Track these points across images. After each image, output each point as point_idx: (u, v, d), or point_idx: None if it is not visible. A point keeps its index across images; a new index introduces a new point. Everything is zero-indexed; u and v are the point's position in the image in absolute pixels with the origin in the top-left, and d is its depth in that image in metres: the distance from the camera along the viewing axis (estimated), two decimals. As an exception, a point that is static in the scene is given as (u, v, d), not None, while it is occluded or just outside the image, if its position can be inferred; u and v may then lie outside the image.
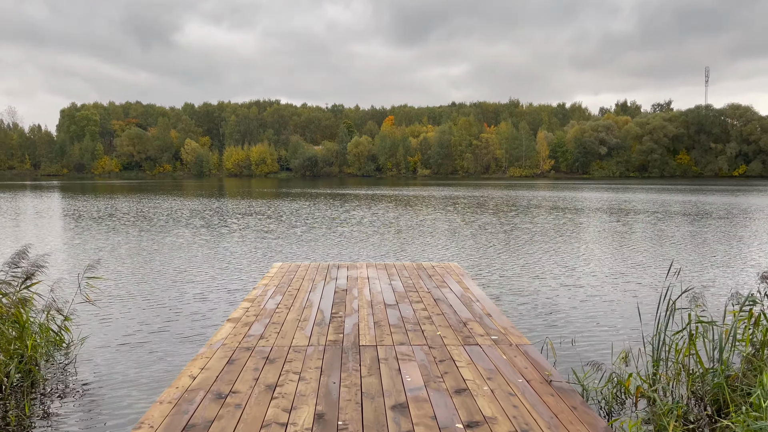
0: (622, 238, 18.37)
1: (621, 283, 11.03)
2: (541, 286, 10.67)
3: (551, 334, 7.50)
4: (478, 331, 5.75)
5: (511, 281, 11.11)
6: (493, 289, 10.29)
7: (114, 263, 13.30)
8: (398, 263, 9.97)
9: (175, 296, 9.82)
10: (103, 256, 14.26)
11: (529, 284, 10.81)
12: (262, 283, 8.21)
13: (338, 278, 8.57)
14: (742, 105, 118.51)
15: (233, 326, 5.89)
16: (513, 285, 10.75)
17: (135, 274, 11.92)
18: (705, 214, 26.82)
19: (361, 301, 7.03)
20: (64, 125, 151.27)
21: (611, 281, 11.17)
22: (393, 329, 5.79)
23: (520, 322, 8.09)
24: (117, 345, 7.11)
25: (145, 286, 10.66)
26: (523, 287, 10.52)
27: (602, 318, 8.40)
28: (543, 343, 6.89)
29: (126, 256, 14.34)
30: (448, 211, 28.83)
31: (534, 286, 10.66)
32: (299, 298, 7.24)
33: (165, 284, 10.83)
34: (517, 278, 11.41)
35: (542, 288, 10.47)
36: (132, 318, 8.41)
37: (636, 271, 12.22)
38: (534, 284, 10.80)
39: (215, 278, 11.40)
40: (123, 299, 9.60)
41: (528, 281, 11.11)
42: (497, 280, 11.17)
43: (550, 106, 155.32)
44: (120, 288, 10.51)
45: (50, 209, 31.34)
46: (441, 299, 7.16)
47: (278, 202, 37.74)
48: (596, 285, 10.79)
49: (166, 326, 7.95)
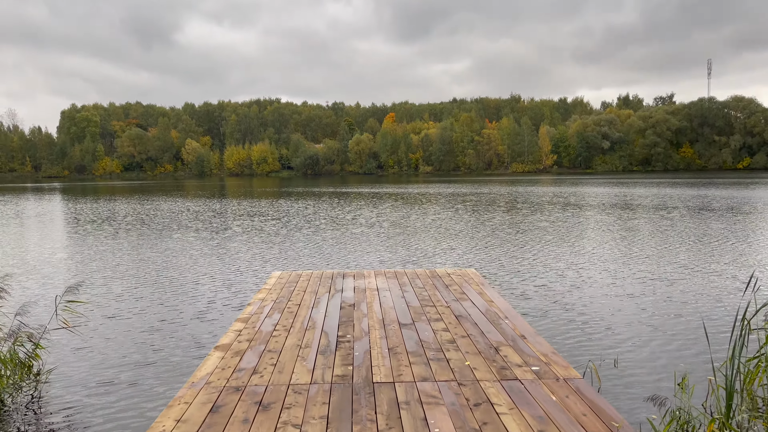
0: (661, 237, 16.97)
1: (668, 289, 9.92)
2: (571, 293, 9.69)
3: (589, 352, 6.56)
4: (513, 359, 4.81)
5: (536, 289, 10.08)
6: (517, 299, 9.28)
7: (103, 276, 12.38)
8: (410, 270, 9.03)
9: (167, 316, 8.70)
10: (92, 269, 13.34)
11: (556, 292, 9.81)
12: (258, 296, 7.28)
13: (344, 290, 7.63)
14: (746, 97, 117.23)
15: (221, 357, 4.95)
16: (538, 293, 9.74)
17: (124, 288, 10.95)
18: (742, 210, 25.79)
19: (372, 320, 6.09)
20: (65, 127, 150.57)
21: (655, 287, 10.05)
22: (412, 358, 4.85)
23: (552, 339, 7.15)
24: (92, 379, 6.12)
25: (134, 304, 9.59)
26: (551, 295, 9.52)
27: (648, 333, 7.45)
28: (586, 368, 5.94)
29: (118, 267, 13.41)
30: (458, 210, 27.72)
31: (562, 293, 9.68)
32: (300, 316, 6.31)
33: (157, 301, 9.86)
34: (543, 285, 10.39)
35: (572, 296, 9.49)
36: (115, 345, 7.31)
37: (684, 276, 11.04)
38: (562, 292, 9.83)
39: (215, 291, 10.44)
40: (107, 322, 8.47)
41: (555, 288, 10.09)
42: (519, 288, 10.14)
43: (551, 101, 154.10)
44: (105, 307, 9.39)
45: (45, 213, 30.45)
46: (463, 316, 6.22)
47: (280, 202, 36.81)
48: (638, 293, 9.69)
49: (154, 355, 6.84)
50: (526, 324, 5.87)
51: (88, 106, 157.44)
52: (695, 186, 49.68)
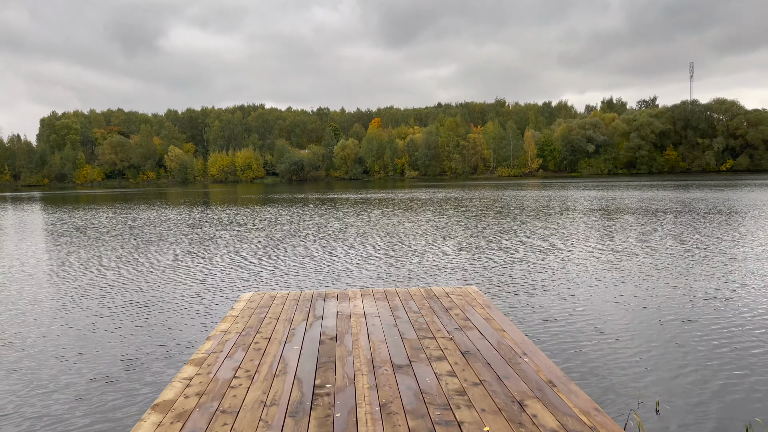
0: (684, 244, 15.44)
1: (718, 311, 8.59)
2: (590, 316, 8.54)
3: (622, 392, 5.42)
4: (545, 420, 3.64)
5: (550, 310, 8.76)
6: (527, 324, 7.97)
7: (51, 299, 11.04)
8: (402, 290, 7.84)
9: (101, 358, 6.85)
10: (39, 294, 11.99)
11: (574, 314, 8.56)
12: (220, 327, 6.04)
13: (325, 316, 6.42)
14: (728, 99, 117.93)
15: (157, 423, 3.72)
16: (554, 316, 8.47)
17: (70, 315, 9.62)
18: (739, 212, 24.99)
19: (358, 359, 4.89)
20: (44, 134, 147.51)
21: (704, 308, 8.63)
22: (411, 421, 3.66)
23: (582, 381, 6.00)
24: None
25: (74, 341, 7.65)
26: (568, 318, 8.26)
27: (692, 367, 6.34)
28: (627, 419, 4.79)
29: (70, 289, 12.06)
30: (451, 216, 26.38)
31: (580, 316, 8.49)
32: (269, 354, 5.09)
33: (107, 329, 8.57)
34: (558, 304, 9.11)
35: (593, 320, 8.32)
36: (16, 401, 5.75)
37: (740, 293, 9.80)
38: (580, 313, 8.64)
39: (175, 320, 9.17)
40: (33, 367, 6.63)
41: (573, 309, 8.80)
42: (528, 309, 8.83)
43: (536, 105, 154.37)
44: (36, 347, 7.56)
45: (14, 224, 28.81)
46: (471, 352, 5.04)
47: (264, 209, 35.45)
48: (682, 315, 8.38)
49: (74, 422, 5.14)
50: (551, 364, 4.71)
51: (68, 113, 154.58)
52: (691, 188, 49.16)
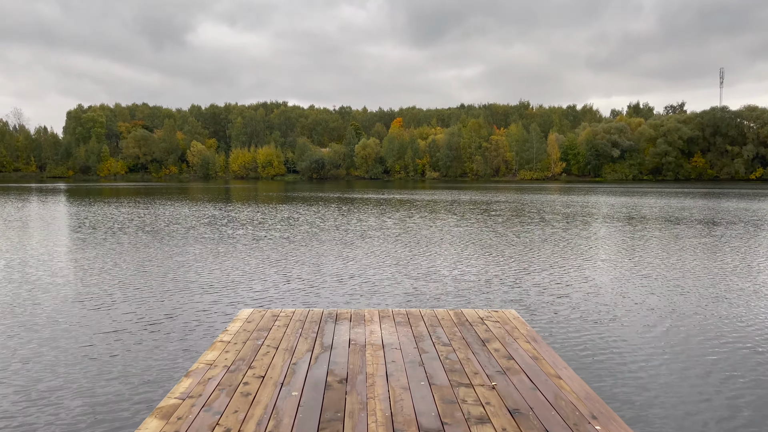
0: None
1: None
2: (658, 352, 7.28)
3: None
4: None
5: (606, 349, 7.02)
6: (577, 361, 6.55)
7: (47, 304, 10.11)
8: (427, 311, 6.65)
9: (92, 390, 5.72)
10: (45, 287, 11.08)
11: (643, 351, 7.11)
12: (206, 358, 4.93)
13: (334, 346, 5.28)
14: (759, 107, 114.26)
15: None
16: (612, 358, 7.12)
17: (53, 342, 8.64)
18: None
19: (374, 418, 3.73)
20: (70, 127, 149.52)
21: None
22: None
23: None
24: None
25: (51, 369, 6.40)
26: (637, 359, 6.80)
27: None
28: None
29: (64, 296, 11.13)
30: (479, 221, 24.70)
31: (649, 353, 7.20)
32: (259, 404, 3.96)
33: (90, 356, 7.55)
34: (614, 345, 7.24)
35: (663, 357, 7.07)
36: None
37: None
38: (648, 350, 7.37)
39: (166, 340, 8.13)
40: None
41: (640, 344, 7.32)
42: (579, 344, 7.32)
43: (560, 108, 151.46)
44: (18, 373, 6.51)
45: (34, 217, 28.30)
46: (521, 411, 3.85)
47: (282, 207, 34.54)
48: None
49: None
50: (625, 425, 3.50)
51: (94, 106, 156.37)
52: (729, 197, 47.02)
